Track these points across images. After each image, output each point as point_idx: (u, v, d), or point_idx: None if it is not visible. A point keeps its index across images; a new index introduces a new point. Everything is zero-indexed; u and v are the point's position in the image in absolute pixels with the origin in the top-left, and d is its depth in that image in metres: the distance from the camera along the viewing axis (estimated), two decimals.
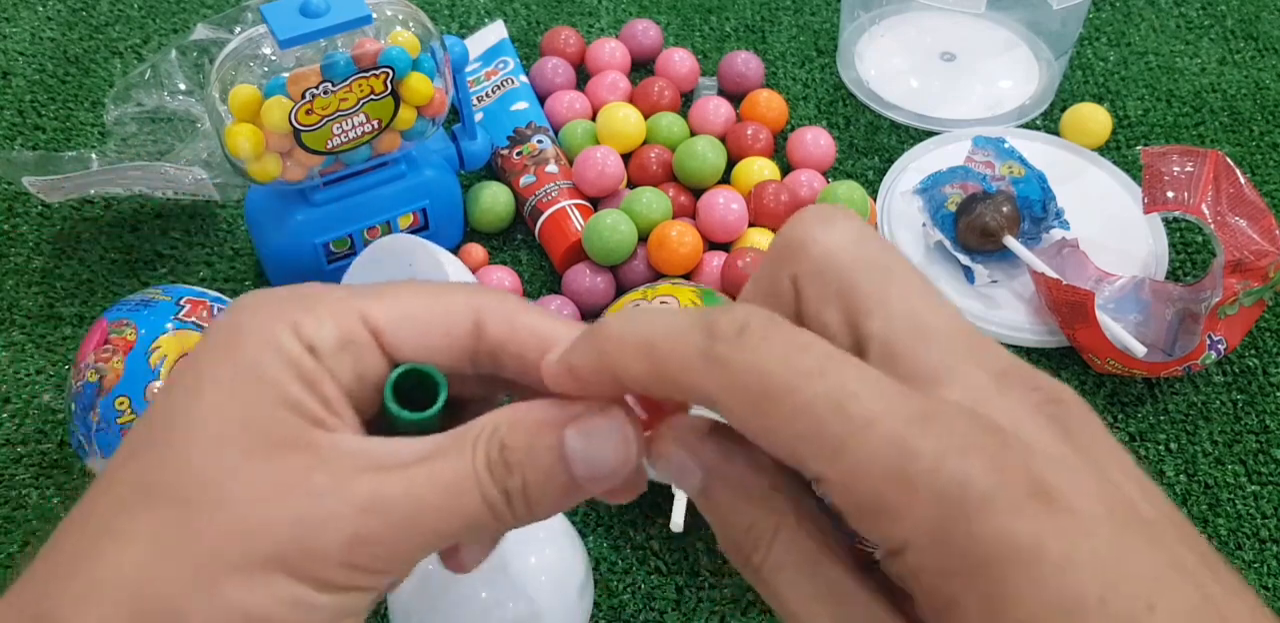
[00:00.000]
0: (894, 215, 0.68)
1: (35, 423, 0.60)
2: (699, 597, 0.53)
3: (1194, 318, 0.61)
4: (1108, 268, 0.64)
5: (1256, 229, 0.59)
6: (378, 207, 0.61)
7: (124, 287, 0.65)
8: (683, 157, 0.68)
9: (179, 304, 0.54)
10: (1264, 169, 0.72)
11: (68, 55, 0.78)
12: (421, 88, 0.56)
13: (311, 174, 0.58)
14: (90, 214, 0.69)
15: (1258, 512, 0.57)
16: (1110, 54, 0.79)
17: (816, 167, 0.70)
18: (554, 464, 0.24)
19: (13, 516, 0.56)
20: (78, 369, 0.53)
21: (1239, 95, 0.76)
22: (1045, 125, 0.75)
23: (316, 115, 0.54)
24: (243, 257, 0.67)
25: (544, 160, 0.68)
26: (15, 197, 0.70)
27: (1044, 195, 0.64)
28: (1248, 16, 0.82)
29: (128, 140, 0.69)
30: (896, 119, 0.75)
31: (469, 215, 0.67)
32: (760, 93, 0.73)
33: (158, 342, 0.52)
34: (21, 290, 0.65)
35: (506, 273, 0.64)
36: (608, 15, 0.82)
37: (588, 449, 0.24)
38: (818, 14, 0.82)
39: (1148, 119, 0.75)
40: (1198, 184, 0.59)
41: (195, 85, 0.69)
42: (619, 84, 0.74)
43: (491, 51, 0.77)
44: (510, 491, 0.24)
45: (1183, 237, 0.68)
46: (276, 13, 0.52)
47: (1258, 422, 0.60)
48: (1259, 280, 0.58)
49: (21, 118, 0.74)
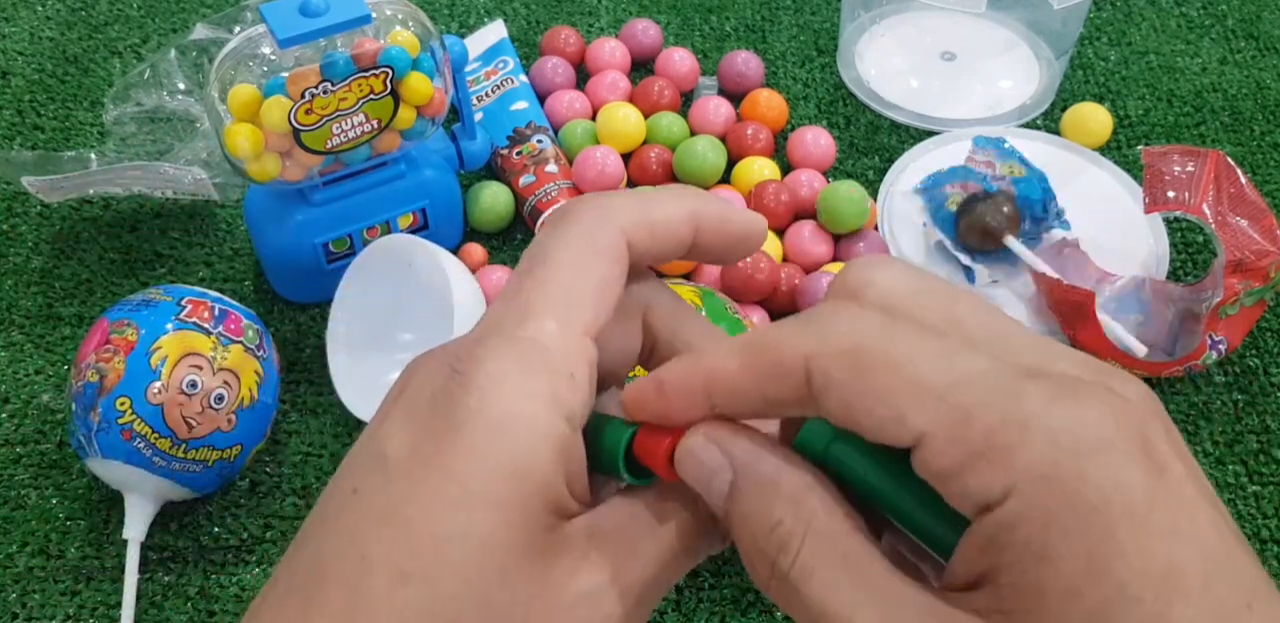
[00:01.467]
0: (894, 215, 0.68)
1: (34, 423, 0.60)
2: (699, 597, 0.53)
3: (1195, 318, 0.60)
4: (1108, 268, 0.64)
5: (1257, 229, 0.59)
6: (377, 206, 0.61)
7: (123, 287, 0.65)
8: (683, 156, 0.68)
9: (180, 304, 0.54)
10: (1265, 169, 0.72)
11: (67, 55, 0.78)
12: (421, 87, 0.56)
13: (311, 174, 0.58)
14: (89, 214, 0.69)
15: (1259, 512, 0.57)
16: (1111, 54, 0.79)
17: (817, 166, 0.70)
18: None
19: (12, 516, 0.56)
20: (78, 369, 0.53)
21: (1240, 95, 0.76)
22: (1046, 125, 0.75)
23: (316, 115, 0.54)
24: (242, 257, 0.67)
25: (544, 160, 0.68)
26: (14, 196, 0.70)
27: (1044, 195, 0.64)
28: (1248, 16, 0.82)
29: (127, 140, 0.69)
30: (897, 119, 0.75)
31: (469, 215, 0.67)
32: (760, 92, 0.73)
33: (158, 342, 0.52)
34: (21, 290, 0.65)
35: (506, 273, 0.64)
36: (607, 15, 0.82)
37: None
38: (818, 13, 0.82)
39: (1148, 119, 0.75)
40: (1198, 184, 0.59)
41: (194, 85, 0.69)
42: (619, 84, 0.74)
43: (491, 51, 0.77)
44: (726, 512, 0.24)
45: (1184, 236, 0.68)
46: (276, 12, 0.52)
47: (1259, 422, 0.60)
48: (1260, 280, 0.58)
49: (20, 117, 0.74)
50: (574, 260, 0.25)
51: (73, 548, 0.55)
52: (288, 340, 0.63)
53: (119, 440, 0.51)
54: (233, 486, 0.57)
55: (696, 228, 0.26)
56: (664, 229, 0.26)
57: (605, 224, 0.25)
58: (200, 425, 0.52)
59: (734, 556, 0.54)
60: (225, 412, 0.53)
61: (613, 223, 0.25)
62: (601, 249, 0.25)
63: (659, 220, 0.26)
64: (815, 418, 0.23)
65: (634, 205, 0.26)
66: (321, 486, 0.57)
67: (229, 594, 0.54)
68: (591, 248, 0.25)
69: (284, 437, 0.59)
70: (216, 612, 0.53)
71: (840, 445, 0.23)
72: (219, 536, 0.56)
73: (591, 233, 0.25)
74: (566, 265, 0.25)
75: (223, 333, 0.54)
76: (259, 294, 0.65)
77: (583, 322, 0.24)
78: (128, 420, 0.51)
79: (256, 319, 0.57)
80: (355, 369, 0.59)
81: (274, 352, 0.57)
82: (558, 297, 0.24)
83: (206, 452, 0.53)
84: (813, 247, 0.65)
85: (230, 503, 0.57)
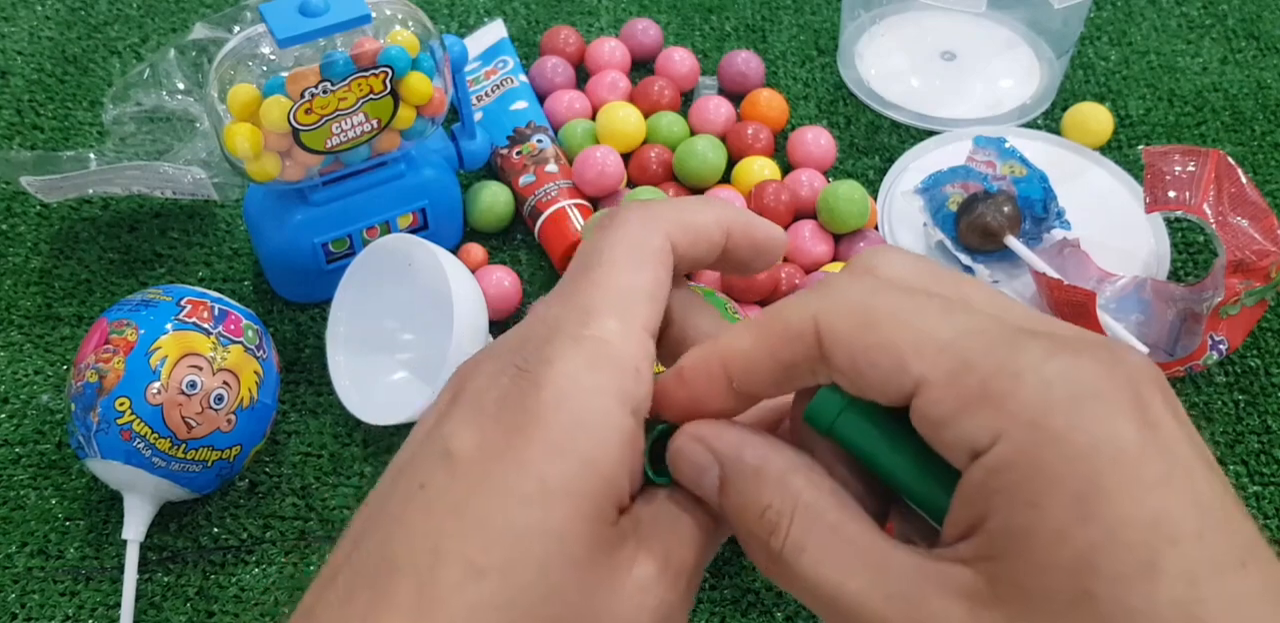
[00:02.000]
0: (895, 215, 0.68)
1: (33, 423, 0.60)
2: (699, 598, 0.53)
3: (1195, 318, 0.60)
4: (1109, 268, 0.64)
5: (1258, 229, 0.59)
6: (377, 206, 0.61)
7: (122, 287, 0.65)
8: (683, 156, 0.68)
9: (180, 305, 0.54)
10: (1266, 169, 0.72)
11: (66, 55, 0.78)
12: (421, 87, 0.56)
13: (310, 174, 0.57)
14: (88, 214, 0.69)
15: (1259, 513, 0.57)
16: (1111, 53, 0.79)
17: (817, 166, 0.70)
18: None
19: (11, 516, 0.56)
20: (78, 369, 0.53)
21: (1240, 95, 0.76)
22: (1046, 125, 0.75)
23: (315, 115, 0.54)
24: (241, 257, 0.67)
25: (544, 160, 0.68)
26: (13, 196, 0.70)
27: (1045, 195, 0.64)
28: (1249, 16, 0.82)
29: (126, 140, 0.69)
30: (897, 118, 0.75)
31: (468, 215, 0.67)
32: (761, 92, 0.73)
33: (158, 342, 0.52)
34: (20, 290, 0.65)
35: (506, 273, 0.64)
36: (607, 14, 0.82)
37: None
38: (818, 13, 0.82)
39: (1149, 118, 0.75)
40: (1199, 184, 0.59)
41: (194, 85, 0.69)
42: (619, 83, 0.74)
43: (491, 51, 0.77)
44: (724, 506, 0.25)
45: (1184, 236, 0.68)
46: (275, 12, 0.52)
47: (1259, 422, 0.60)
48: (1261, 280, 0.58)
49: (20, 117, 0.74)
50: (627, 262, 0.26)
51: (72, 549, 0.55)
52: (287, 341, 0.63)
53: (118, 441, 0.51)
54: (232, 486, 0.57)
55: (727, 234, 0.27)
56: (702, 234, 0.27)
57: (651, 227, 0.26)
58: (200, 426, 0.52)
59: (734, 556, 0.54)
60: (225, 412, 0.53)
61: (658, 226, 0.26)
62: (651, 251, 0.26)
63: (698, 225, 0.27)
64: (828, 386, 0.24)
65: (675, 210, 0.27)
66: (321, 486, 0.57)
67: (228, 595, 0.53)
68: (642, 250, 0.26)
69: (283, 437, 0.59)
70: (216, 612, 0.53)
71: (849, 415, 0.24)
72: (218, 536, 0.55)
73: (640, 236, 0.26)
74: (621, 266, 0.26)
75: (222, 333, 0.54)
76: (258, 294, 0.65)
77: (642, 320, 0.25)
78: (127, 421, 0.51)
79: (256, 319, 0.57)
80: (355, 369, 0.59)
81: (273, 352, 0.57)
82: (616, 297, 0.25)
83: (206, 452, 0.52)
84: (813, 246, 0.65)
85: (230, 503, 0.57)
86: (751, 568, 0.54)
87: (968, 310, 0.22)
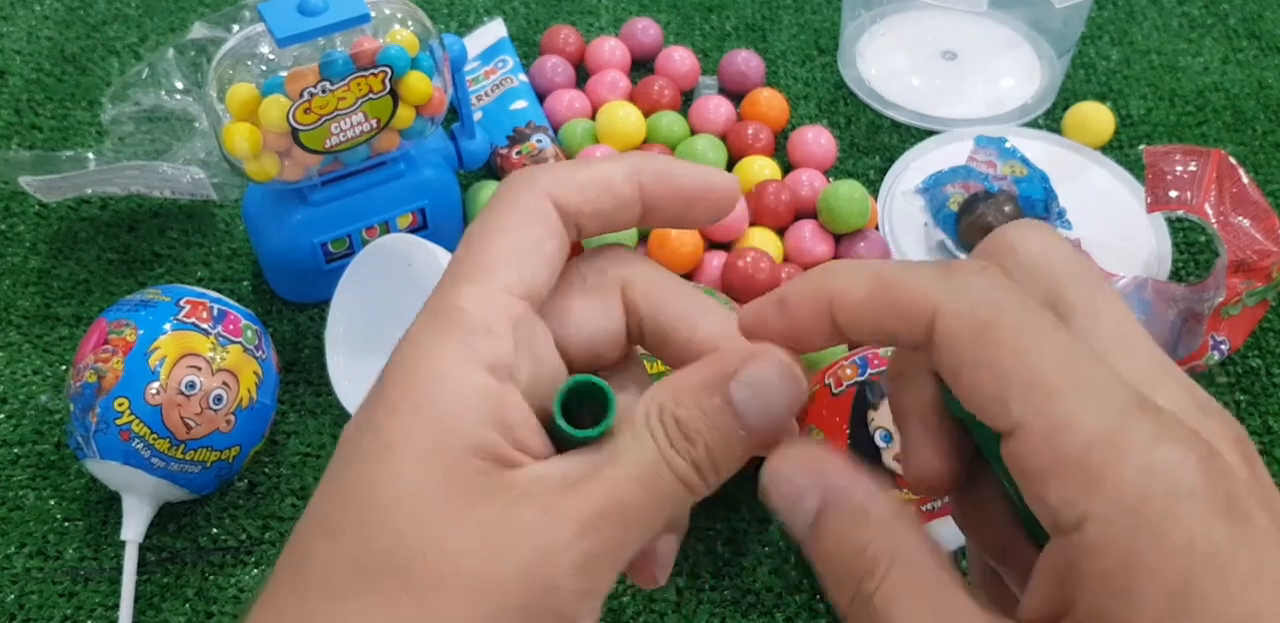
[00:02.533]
0: (896, 215, 0.68)
1: (32, 424, 0.59)
2: (699, 599, 0.53)
3: (1197, 318, 0.60)
4: (1110, 268, 0.64)
5: (1259, 229, 0.59)
6: (376, 206, 0.61)
7: (121, 287, 0.65)
8: (683, 156, 0.68)
9: (179, 305, 0.54)
10: (1267, 169, 0.72)
11: (65, 54, 0.78)
12: (420, 87, 0.56)
13: (310, 173, 0.57)
14: (87, 214, 0.69)
15: None
16: (1113, 53, 0.79)
17: (817, 166, 0.70)
18: (730, 423, 0.24)
19: (9, 517, 0.56)
20: (76, 370, 0.53)
21: (1242, 94, 0.76)
22: (1047, 124, 0.75)
23: (314, 114, 0.54)
24: (240, 257, 0.67)
25: (543, 159, 0.68)
26: (12, 196, 0.70)
27: (1046, 195, 0.64)
28: (1250, 15, 0.82)
29: (125, 140, 0.68)
30: (898, 118, 0.74)
31: (468, 215, 0.67)
32: (761, 92, 0.73)
33: (157, 342, 0.52)
34: (18, 290, 0.65)
35: None
36: (607, 14, 0.82)
37: (756, 397, 0.24)
38: (819, 12, 0.82)
39: (1150, 118, 0.75)
40: (1201, 184, 0.59)
41: (193, 84, 0.69)
42: (619, 83, 0.74)
43: (491, 50, 0.77)
44: (697, 461, 0.24)
45: (1185, 236, 0.68)
46: (274, 11, 0.52)
47: (1260, 423, 0.60)
48: (1262, 280, 0.58)
49: (18, 117, 0.74)
50: (493, 228, 0.26)
51: (71, 549, 0.55)
52: (286, 341, 0.63)
53: (117, 441, 0.51)
54: (231, 486, 0.57)
55: (641, 185, 0.27)
56: (601, 189, 0.26)
57: (527, 189, 0.26)
58: (199, 426, 0.52)
59: (734, 557, 0.54)
60: (224, 412, 0.53)
61: (536, 187, 0.26)
62: (520, 212, 0.26)
63: (594, 180, 0.26)
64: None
65: (560, 169, 0.27)
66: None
67: (227, 596, 0.53)
68: (510, 213, 0.26)
69: (282, 437, 0.59)
70: (215, 613, 0.53)
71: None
72: (217, 536, 0.55)
73: (513, 200, 0.26)
74: (485, 234, 0.26)
75: (221, 333, 0.54)
76: (257, 294, 0.65)
77: (502, 281, 0.25)
78: (126, 421, 0.51)
79: (255, 319, 0.57)
80: (354, 369, 0.59)
81: (273, 352, 0.57)
82: (472, 262, 0.25)
83: (205, 453, 0.52)
84: (813, 246, 0.65)
85: (229, 504, 0.56)
86: (751, 569, 0.54)
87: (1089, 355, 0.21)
